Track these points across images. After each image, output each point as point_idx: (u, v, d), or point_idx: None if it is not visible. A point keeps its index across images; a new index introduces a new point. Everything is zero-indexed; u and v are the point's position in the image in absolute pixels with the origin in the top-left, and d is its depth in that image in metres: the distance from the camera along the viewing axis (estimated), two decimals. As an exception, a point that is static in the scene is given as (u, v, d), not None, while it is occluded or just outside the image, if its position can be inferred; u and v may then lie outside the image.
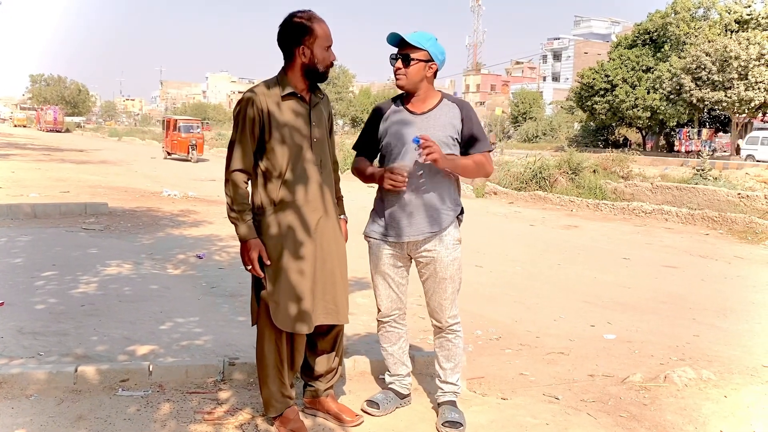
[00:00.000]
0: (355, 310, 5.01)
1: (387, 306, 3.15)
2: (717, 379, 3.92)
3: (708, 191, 12.96)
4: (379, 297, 3.15)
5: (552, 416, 3.30)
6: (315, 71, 2.81)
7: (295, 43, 2.76)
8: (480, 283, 6.46)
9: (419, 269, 3.10)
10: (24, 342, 3.90)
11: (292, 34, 2.77)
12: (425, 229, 2.99)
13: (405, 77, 2.97)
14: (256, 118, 2.73)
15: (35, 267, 5.87)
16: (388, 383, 3.27)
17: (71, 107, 74.35)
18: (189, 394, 3.23)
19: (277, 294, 2.75)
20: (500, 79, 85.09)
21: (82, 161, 21.38)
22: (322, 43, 2.78)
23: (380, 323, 3.21)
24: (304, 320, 2.77)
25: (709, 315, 5.73)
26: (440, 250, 3.01)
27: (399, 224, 3.00)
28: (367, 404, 3.15)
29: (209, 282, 5.79)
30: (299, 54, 2.77)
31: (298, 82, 2.82)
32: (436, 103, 3.04)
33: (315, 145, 2.85)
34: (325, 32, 2.79)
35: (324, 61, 2.80)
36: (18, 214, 8.85)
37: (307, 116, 2.83)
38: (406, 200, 2.97)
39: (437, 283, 3.05)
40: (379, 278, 3.13)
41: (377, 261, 3.10)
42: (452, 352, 3.16)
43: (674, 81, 34.32)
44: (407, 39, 2.93)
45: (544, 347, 4.62)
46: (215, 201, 11.95)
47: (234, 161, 2.76)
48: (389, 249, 3.07)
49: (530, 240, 9.65)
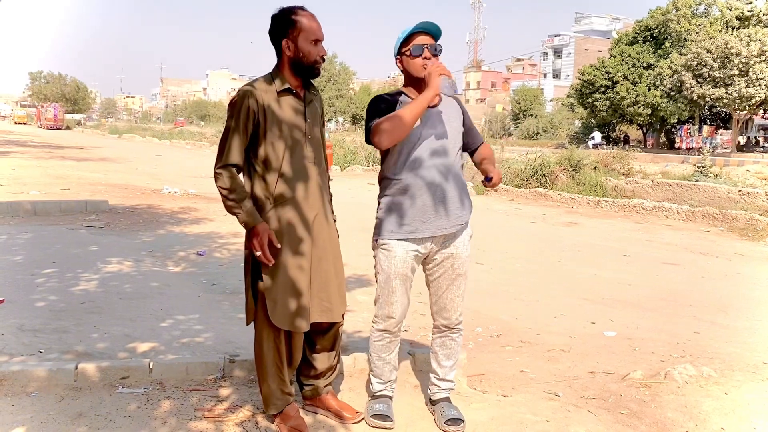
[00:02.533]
0: (355, 307, 5.01)
1: (401, 313, 3.01)
2: (718, 376, 3.91)
3: (709, 188, 12.95)
4: (393, 304, 2.97)
5: (552, 413, 3.30)
6: (301, 65, 2.78)
7: (282, 36, 2.77)
8: (480, 280, 6.45)
9: (432, 267, 3.02)
10: (24, 339, 3.90)
11: (278, 27, 2.77)
12: (460, 220, 2.94)
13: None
14: (252, 113, 2.71)
15: (36, 264, 5.87)
16: (380, 391, 3.13)
17: (71, 104, 74.28)
18: (189, 392, 3.23)
19: (275, 291, 2.74)
20: (501, 76, 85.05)
21: (83, 158, 21.38)
22: (308, 37, 2.75)
23: (385, 333, 3.04)
24: (302, 318, 2.76)
25: (710, 312, 5.73)
26: (459, 246, 2.99)
27: (435, 215, 2.88)
28: (376, 419, 3.00)
29: (210, 279, 5.79)
30: (285, 47, 2.77)
31: (291, 77, 2.80)
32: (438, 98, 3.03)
33: (310, 142, 2.84)
34: (310, 26, 2.76)
35: (309, 56, 2.76)
36: (18, 212, 8.85)
37: (303, 113, 2.82)
38: (443, 190, 2.88)
39: (452, 280, 3.01)
40: (398, 283, 2.95)
41: (400, 263, 2.92)
42: (453, 351, 3.15)
43: (675, 78, 34.26)
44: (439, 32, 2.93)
45: (544, 344, 4.62)
46: (216, 198, 11.93)
47: (227, 155, 2.72)
48: (414, 246, 2.93)
49: (530, 237, 9.65)
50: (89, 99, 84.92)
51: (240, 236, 8.05)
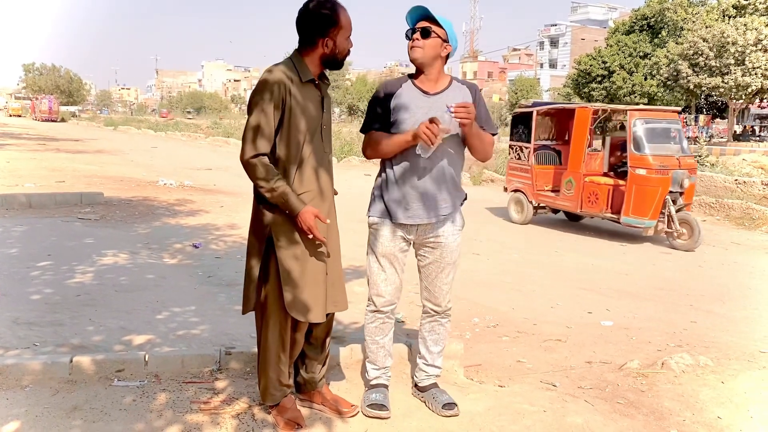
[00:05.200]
0: (352, 298, 4.98)
1: (391, 292, 3.03)
2: (714, 365, 3.92)
3: (705, 177, 12.94)
4: (382, 283, 3.01)
5: (549, 403, 3.30)
6: (335, 61, 2.77)
7: (320, 34, 2.70)
8: (477, 270, 6.45)
9: (421, 254, 3.06)
10: (19, 332, 3.88)
11: (317, 23, 2.69)
12: (442, 211, 2.96)
13: (422, 50, 2.88)
14: (282, 99, 2.63)
15: (30, 257, 5.84)
16: (375, 378, 3.13)
17: (66, 96, 73.94)
18: (185, 384, 3.22)
19: (295, 282, 2.70)
20: (497, 66, 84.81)
21: (78, 151, 21.27)
22: (346, 34, 2.74)
23: (377, 313, 3.07)
24: (319, 309, 2.75)
25: (707, 301, 5.74)
26: (448, 236, 3.01)
27: (416, 204, 2.93)
28: (372, 408, 3.00)
29: (206, 271, 5.77)
30: (322, 45, 2.71)
31: (315, 68, 2.76)
32: (447, 84, 2.99)
33: (324, 133, 2.82)
34: (348, 22, 2.74)
35: (344, 51, 2.77)
36: (13, 204, 8.80)
37: (320, 103, 2.79)
38: (425, 181, 2.91)
39: (441, 268, 3.03)
40: (385, 262, 3.00)
41: (384, 243, 2.98)
42: (442, 336, 3.19)
43: (671, 67, 34.20)
44: (432, 13, 2.88)
45: (541, 334, 4.62)
46: (211, 190, 11.91)
47: (259, 143, 2.62)
48: (400, 231, 2.98)
49: (527, 227, 9.64)
50: (84, 91, 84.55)
51: (236, 228, 8.07)
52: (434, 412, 3.06)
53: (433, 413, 3.06)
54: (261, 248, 2.75)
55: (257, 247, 2.76)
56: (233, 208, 9.69)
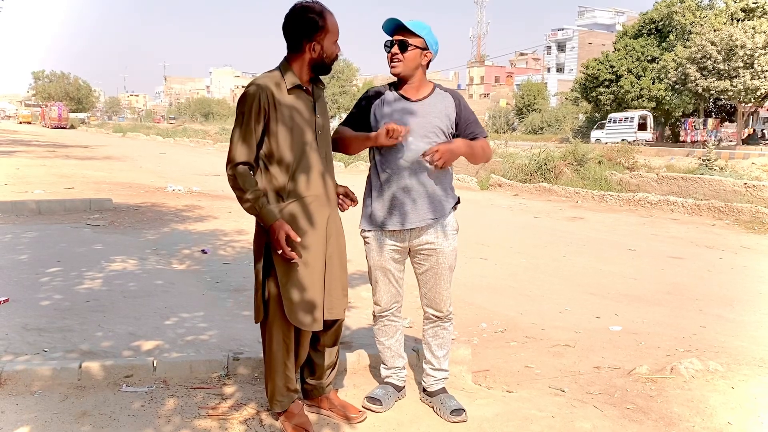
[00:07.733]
0: (359, 303, 5.01)
1: (386, 301, 3.12)
2: (724, 370, 3.89)
3: (714, 181, 12.87)
4: (378, 292, 3.11)
5: (558, 409, 3.29)
6: (323, 65, 2.78)
7: (306, 38, 2.70)
8: (484, 275, 6.44)
9: (418, 261, 3.07)
10: (29, 338, 3.90)
11: (303, 27, 2.70)
12: (428, 216, 2.97)
13: (402, 63, 2.93)
14: (262, 110, 2.66)
15: (40, 263, 5.88)
16: (385, 377, 3.25)
17: (75, 103, 74.44)
18: (193, 390, 3.23)
19: (292, 290, 2.71)
20: (504, 71, 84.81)
21: (87, 157, 21.41)
22: (333, 38, 2.75)
23: (378, 317, 3.17)
24: (317, 316, 2.76)
25: (716, 306, 5.70)
26: (442, 242, 3.02)
27: (402, 210, 2.95)
28: (368, 401, 3.10)
29: (214, 277, 5.79)
30: (309, 49, 2.72)
31: (303, 74, 2.77)
32: (429, 91, 3.03)
33: (320, 138, 2.82)
34: (335, 26, 2.75)
35: (331, 55, 2.77)
36: (23, 211, 8.87)
37: (312, 108, 2.79)
38: (410, 186, 2.94)
39: (438, 274, 3.05)
40: (379, 273, 3.07)
41: (377, 255, 3.05)
42: (445, 340, 3.20)
43: (679, 71, 34.07)
44: (406, 24, 2.90)
45: (549, 339, 4.60)
46: (219, 196, 11.95)
47: (238, 153, 2.67)
48: (390, 241, 3.02)
49: (535, 232, 9.61)
50: (93, 98, 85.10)
51: (244, 233, 8.09)
52: (442, 418, 3.06)
53: (442, 419, 3.06)
54: (261, 257, 2.77)
55: (258, 256, 2.79)
56: (241, 214, 9.69)
